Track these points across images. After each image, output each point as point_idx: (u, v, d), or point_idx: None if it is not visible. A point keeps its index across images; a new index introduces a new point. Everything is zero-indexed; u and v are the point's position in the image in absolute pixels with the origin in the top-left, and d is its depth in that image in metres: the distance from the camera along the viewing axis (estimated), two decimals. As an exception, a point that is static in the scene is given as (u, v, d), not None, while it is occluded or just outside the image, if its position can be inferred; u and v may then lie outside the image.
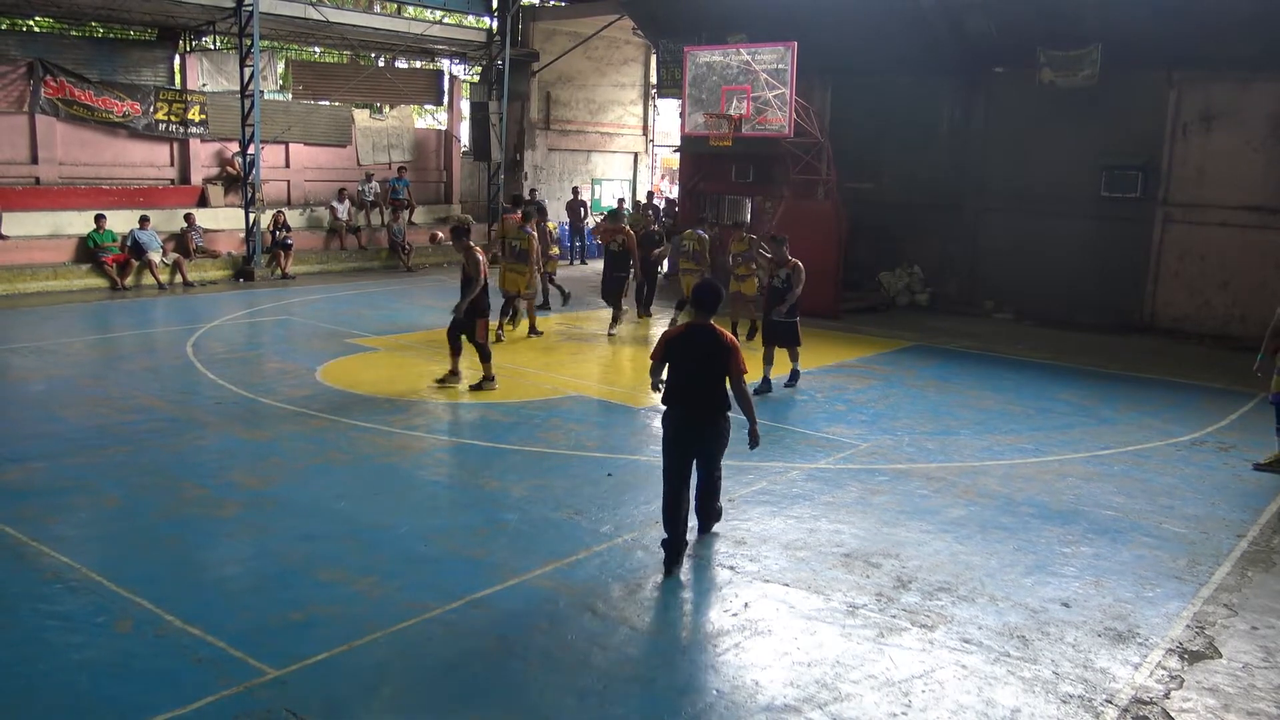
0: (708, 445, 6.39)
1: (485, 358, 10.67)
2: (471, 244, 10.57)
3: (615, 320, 14.53)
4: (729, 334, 6.45)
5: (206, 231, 19.23)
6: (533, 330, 13.96)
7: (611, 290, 14.64)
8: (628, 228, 14.93)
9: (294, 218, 20.62)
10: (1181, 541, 7.01)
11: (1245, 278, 15.30)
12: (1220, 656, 5.36)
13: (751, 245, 13.74)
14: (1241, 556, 6.78)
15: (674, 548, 6.26)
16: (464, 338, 10.66)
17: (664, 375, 6.47)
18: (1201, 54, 15.14)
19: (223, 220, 20.07)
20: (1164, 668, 5.22)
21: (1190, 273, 15.81)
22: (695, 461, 6.38)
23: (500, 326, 13.59)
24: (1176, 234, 15.91)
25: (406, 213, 22.32)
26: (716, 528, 6.87)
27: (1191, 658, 5.34)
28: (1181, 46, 15.16)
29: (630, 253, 14.58)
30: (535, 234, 13.73)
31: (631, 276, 14.97)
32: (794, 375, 11.45)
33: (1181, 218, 15.85)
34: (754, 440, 6.56)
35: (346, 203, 21.72)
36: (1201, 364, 13.53)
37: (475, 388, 10.63)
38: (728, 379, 6.30)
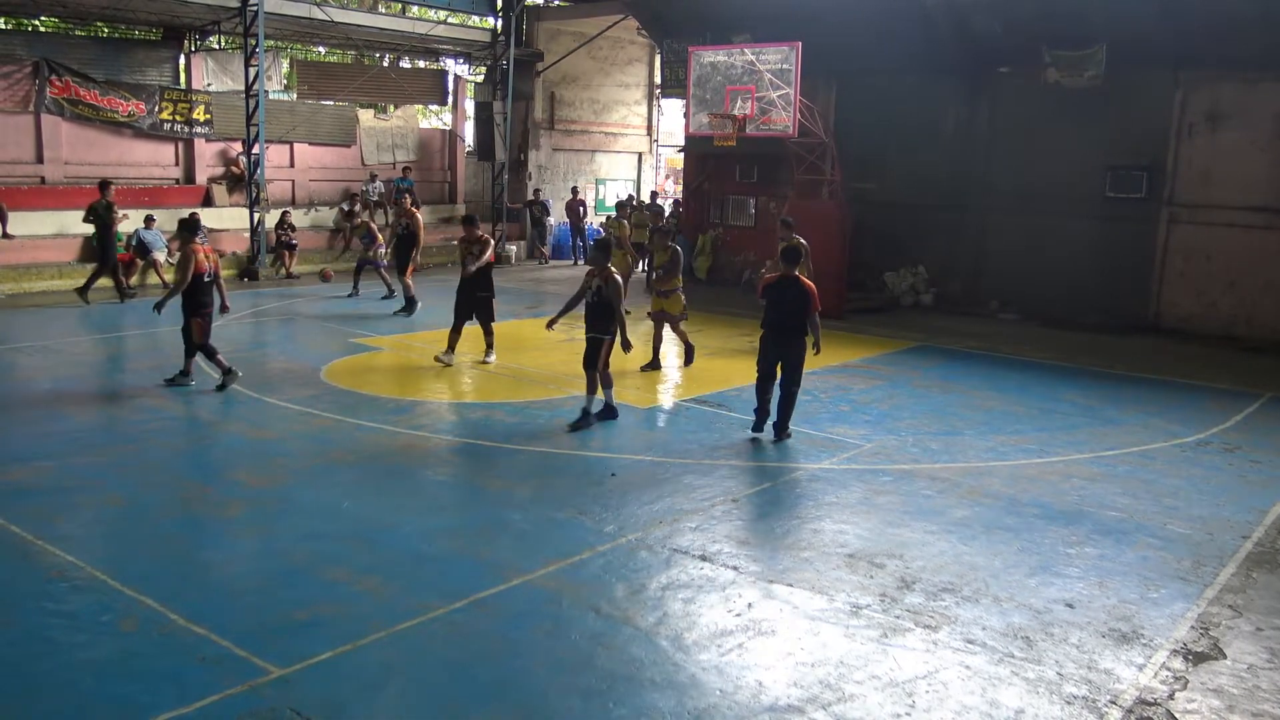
0: (789, 358, 9.02)
1: (205, 354, 10.36)
2: (197, 241, 10.23)
3: (451, 348, 11.80)
4: (808, 280, 9.06)
5: (211, 231, 19.22)
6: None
7: (468, 310, 11.86)
8: (486, 234, 12.19)
9: (298, 217, 20.66)
10: (1186, 542, 7.00)
11: (1251, 278, 15.27)
12: (1225, 658, 5.35)
13: (676, 256, 12.19)
14: (1246, 558, 6.77)
15: (760, 416, 9.23)
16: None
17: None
18: (1207, 54, 15.10)
19: (227, 220, 20.12)
20: (1168, 669, 5.21)
21: (1196, 273, 15.78)
22: (781, 368, 9.07)
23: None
24: (1182, 234, 15.88)
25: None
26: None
27: (1196, 659, 5.33)
28: (1187, 46, 15.14)
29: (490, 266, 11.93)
30: (626, 223, 15.19)
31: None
32: (584, 415, 9.43)
33: (1187, 218, 15.82)
34: (817, 349, 9.09)
35: (358, 206, 21.80)
36: (1207, 365, 13.50)
37: (172, 380, 10.35)
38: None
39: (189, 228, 10.39)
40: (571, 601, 5.74)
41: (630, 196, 25.22)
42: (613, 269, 9.50)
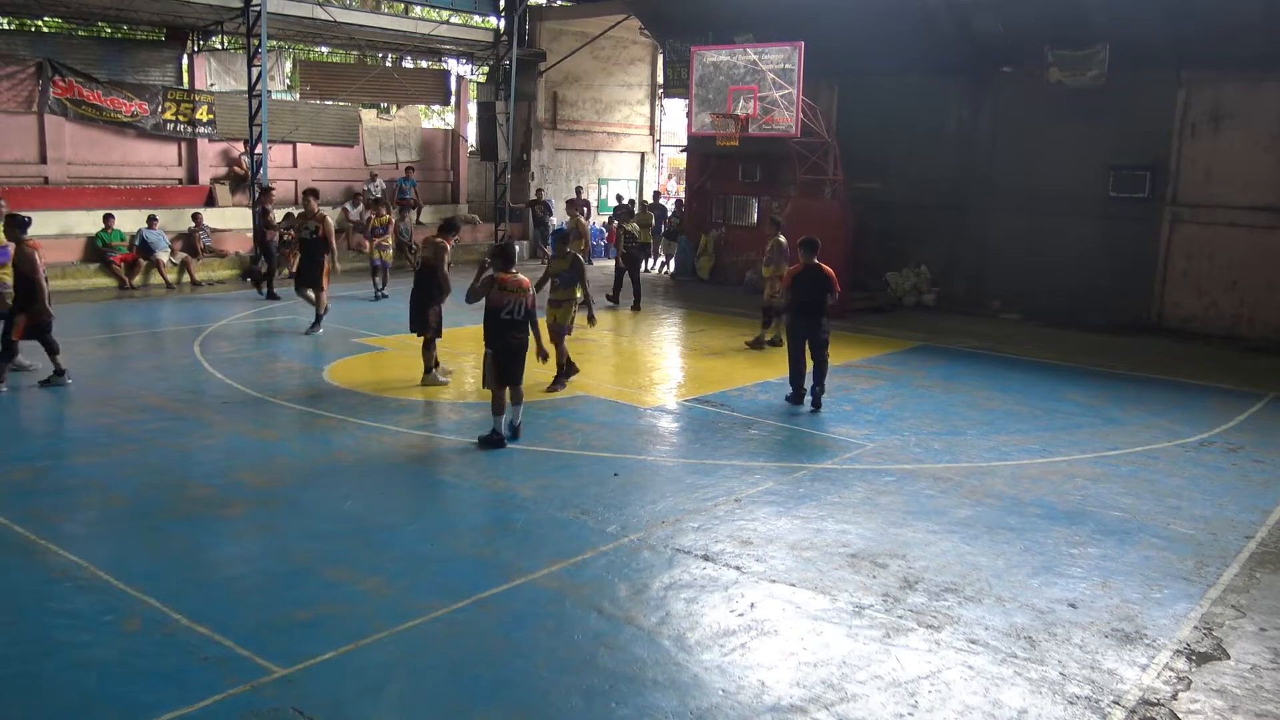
0: (816, 337, 10.27)
1: (7, 353, 10.04)
2: (24, 238, 9.94)
3: (434, 364, 10.81)
4: (828, 267, 10.27)
5: (214, 231, 19.29)
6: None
7: (424, 319, 10.65)
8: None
9: (301, 217, 20.67)
10: (1189, 542, 6.99)
11: (1253, 278, 15.25)
12: (1228, 658, 5.35)
13: (576, 264, 10.87)
14: (1250, 558, 6.76)
15: (797, 397, 10.46)
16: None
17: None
18: (1210, 53, 15.09)
19: (230, 220, 20.14)
20: (1171, 669, 5.20)
21: (1198, 273, 15.77)
22: (809, 348, 10.31)
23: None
24: (1184, 234, 15.87)
25: (414, 212, 22.36)
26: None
27: (1199, 659, 5.32)
28: (1190, 46, 15.12)
29: (436, 271, 10.61)
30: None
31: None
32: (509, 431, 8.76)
33: (1189, 218, 15.81)
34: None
35: (361, 205, 21.82)
36: (1209, 365, 13.49)
37: (44, 383, 10.19)
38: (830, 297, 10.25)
39: (20, 225, 9.90)
40: (574, 601, 5.74)
41: (631, 200, 25.21)
42: (491, 272, 8.71)
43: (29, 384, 10.39)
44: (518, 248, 23.79)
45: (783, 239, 13.64)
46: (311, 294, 13.54)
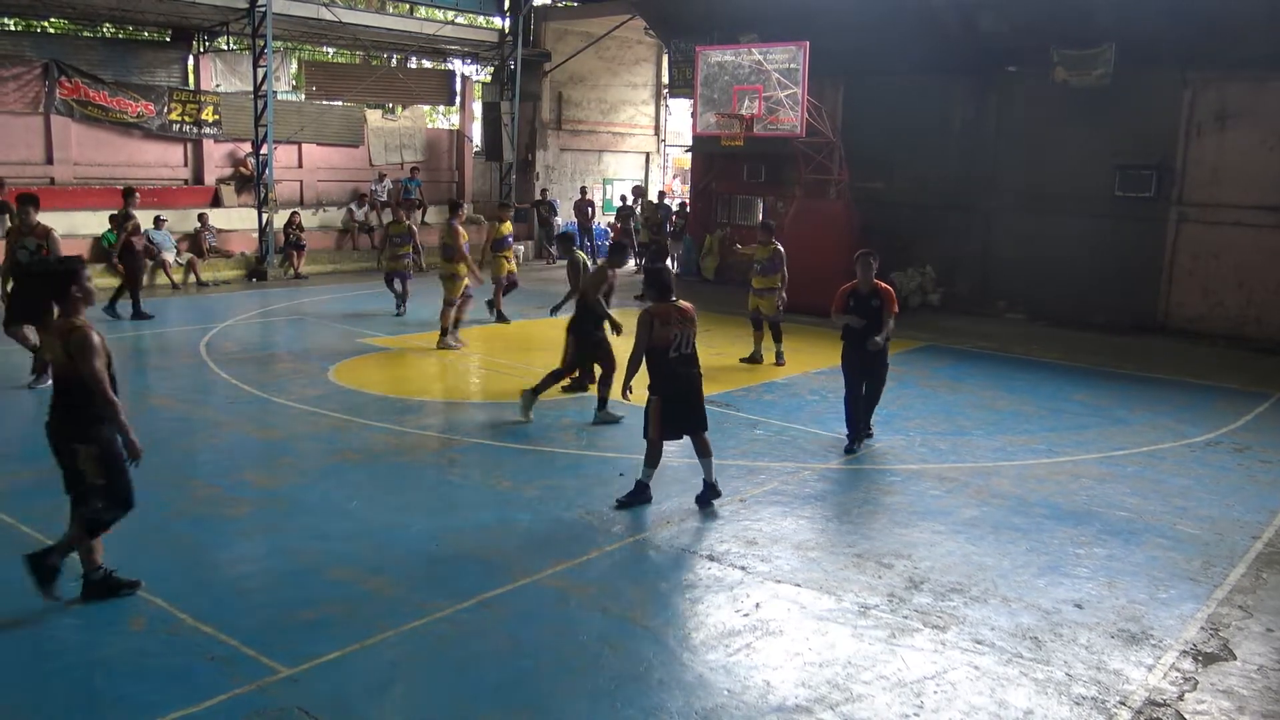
0: (873, 369, 8.84)
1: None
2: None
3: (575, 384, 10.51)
4: (885, 284, 8.77)
5: (220, 231, 19.34)
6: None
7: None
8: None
9: (307, 218, 20.71)
10: (1195, 543, 6.97)
11: (1260, 278, 15.20)
12: (1234, 658, 5.33)
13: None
14: (1256, 558, 6.74)
15: (854, 434, 8.91)
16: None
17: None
18: (1216, 53, 15.04)
19: (236, 220, 20.18)
20: (1178, 669, 5.19)
21: (1204, 273, 15.72)
22: (866, 384, 8.85)
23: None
24: (1190, 234, 15.82)
25: (419, 213, 22.38)
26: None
27: (1205, 659, 5.31)
28: (1196, 45, 15.08)
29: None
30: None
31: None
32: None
33: (1196, 217, 15.76)
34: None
35: (366, 206, 21.86)
36: (1216, 365, 13.45)
37: None
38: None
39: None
40: (579, 601, 5.74)
41: (629, 198, 25.19)
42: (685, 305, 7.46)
43: (40, 384, 10.41)
44: (521, 249, 23.80)
45: (779, 245, 12.43)
46: (29, 334, 9.95)
